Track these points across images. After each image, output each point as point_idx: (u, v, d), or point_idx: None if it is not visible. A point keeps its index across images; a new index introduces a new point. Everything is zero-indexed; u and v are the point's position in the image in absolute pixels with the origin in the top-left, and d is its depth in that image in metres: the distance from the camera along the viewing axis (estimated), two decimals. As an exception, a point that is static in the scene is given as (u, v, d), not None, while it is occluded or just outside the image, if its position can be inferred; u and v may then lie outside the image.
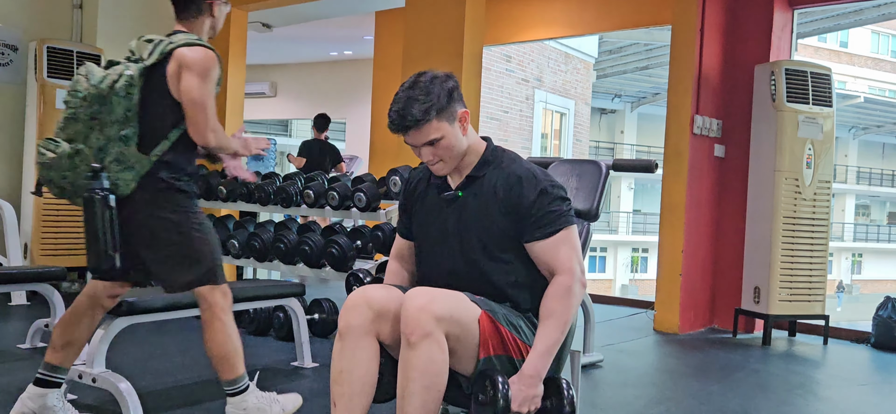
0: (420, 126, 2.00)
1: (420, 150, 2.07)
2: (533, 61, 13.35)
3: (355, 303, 2.00)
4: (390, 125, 2.03)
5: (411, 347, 1.86)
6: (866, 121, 29.95)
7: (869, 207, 35.19)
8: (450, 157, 2.07)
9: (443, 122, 2.02)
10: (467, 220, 2.10)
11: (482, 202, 2.09)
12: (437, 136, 2.02)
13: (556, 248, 2.03)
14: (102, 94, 2.50)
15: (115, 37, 6.17)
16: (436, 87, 2.01)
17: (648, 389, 3.98)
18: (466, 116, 2.09)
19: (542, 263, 2.05)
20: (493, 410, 1.89)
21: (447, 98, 2.02)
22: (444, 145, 2.04)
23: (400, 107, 2.00)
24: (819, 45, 27.70)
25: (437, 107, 2.00)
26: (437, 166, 2.10)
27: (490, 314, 1.98)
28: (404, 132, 2.02)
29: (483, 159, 2.13)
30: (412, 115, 1.99)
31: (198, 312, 3.38)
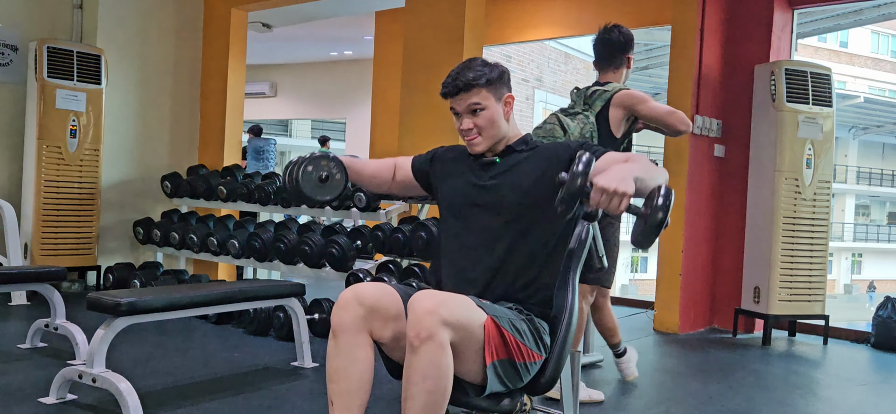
0: (469, 88, 2.12)
1: (462, 119, 2.16)
2: (533, 61, 13.35)
3: (346, 300, 2.01)
4: (443, 88, 2.15)
5: (417, 351, 1.85)
6: (866, 121, 29.94)
7: (869, 207, 35.19)
8: (488, 132, 2.16)
9: (490, 94, 2.14)
10: (502, 182, 2.16)
11: (521, 165, 2.17)
12: (482, 104, 2.13)
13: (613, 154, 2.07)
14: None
15: (115, 37, 6.18)
16: (488, 65, 2.16)
17: (648, 389, 3.98)
18: (512, 100, 2.20)
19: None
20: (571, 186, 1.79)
21: (498, 76, 2.16)
22: (486, 117, 2.14)
23: (455, 72, 2.15)
24: (819, 45, 27.71)
25: (488, 78, 2.13)
26: (474, 139, 2.17)
27: (495, 319, 1.98)
28: (455, 94, 2.14)
29: (523, 139, 2.23)
30: (464, 77, 2.12)
31: (197, 312, 3.39)
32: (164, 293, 3.25)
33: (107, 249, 6.15)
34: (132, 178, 6.36)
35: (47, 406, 2.99)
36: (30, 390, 3.17)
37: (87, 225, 5.85)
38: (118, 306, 2.89)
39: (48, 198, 5.63)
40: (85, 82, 5.76)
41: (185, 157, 6.68)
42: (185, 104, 6.70)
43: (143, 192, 6.41)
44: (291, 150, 25.80)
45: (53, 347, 3.97)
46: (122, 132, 6.25)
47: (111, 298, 2.92)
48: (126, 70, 6.27)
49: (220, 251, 5.50)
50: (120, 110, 6.21)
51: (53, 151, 5.64)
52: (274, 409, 3.13)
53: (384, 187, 2.44)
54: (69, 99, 5.68)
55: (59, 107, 5.65)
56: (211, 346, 4.28)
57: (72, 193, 5.74)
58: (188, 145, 6.74)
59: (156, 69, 6.48)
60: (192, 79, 6.75)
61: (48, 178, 5.62)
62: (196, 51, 6.76)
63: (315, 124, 25.19)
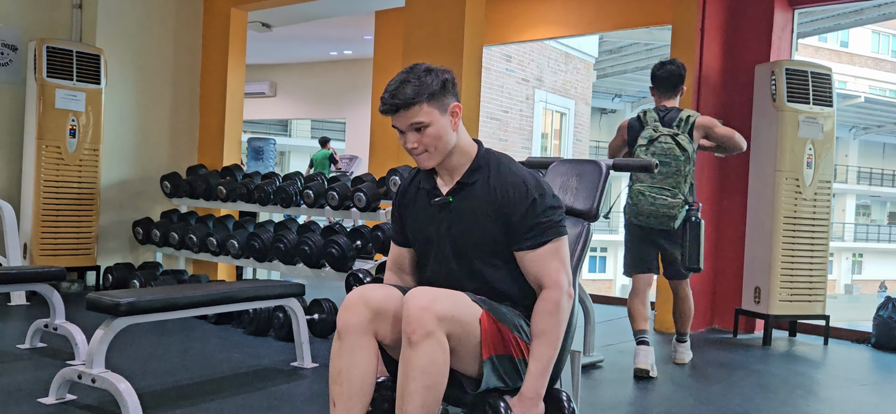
0: (409, 107, 1.99)
1: (406, 136, 2.04)
2: (533, 61, 13.35)
3: (353, 302, 2.00)
4: (381, 106, 2.03)
5: (412, 347, 1.85)
6: (867, 121, 29.94)
7: (869, 206, 35.18)
8: (435, 148, 2.04)
9: (433, 109, 2.00)
10: (458, 226, 2.09)
11: (472, 208, 2.07)
12: (426, 121, 2.00)
13: (543, 260, 2.01)
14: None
15: (115, 37, 6.17)
16: (430, 75, 2.01)
17: (648, 389, 3.98)
18: (458, 111, 2.06)
19: (530, 273, 2.04)
20: None
21: (440, 86, 2.01)
22: (431, 133, 2.02)
23: (393, 87, 2.01)
24: (819, 45, 27.71)
25: (429, 91, 1.99)
26: (421, 157, 2.06)
27: (491, 314, 1.97)
28: (394, 112, 2.01)
29: (474, 165, 2.10)
30: (403, 95, 1.98)
31: (197, 312, 3.38)
32: (164, 293, 3.24)
33: (106, 249, 6.15)
34: (132, 178, 6.36)
35: (47, 406, 2.99)
36: (29, 390, 3.16)
37: (86, 225, 5.84)
38: (118, 306, 2.89)
39: (48, 198, 5.63)
40: (84, 82, 5.76)
41: (185, 157, 6.68)
42: (184, 104, 6.70)
43: (143, 192, 6.40)
44: (291, 150, 25.81)
45: (53, 348, 3.96)
46: (121, 132, 6.25)
47: (111, 298, 2.92)
48: (126, 70, 6.27)
49: (220, 251, 5.49)
50: (119, 110, 6.21)
51: (53, 151, 5.63)
52: (274, 409, 3.13)
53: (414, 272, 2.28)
54: (69, 99, 5.68)
55: (59, 107, 5.64)
56: (211, 346, 4.27)
57: (71, 193, 5.74)
58: (188, 145, 6.74)
59: (155, 69, 6.48)
60: (191, 79, 6.75)
61: (48, 178, 5.62)
62: (196, 51, 6.76)
63: (315, 124, 25.19)
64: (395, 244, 2.28)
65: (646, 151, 4.00)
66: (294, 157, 25.85)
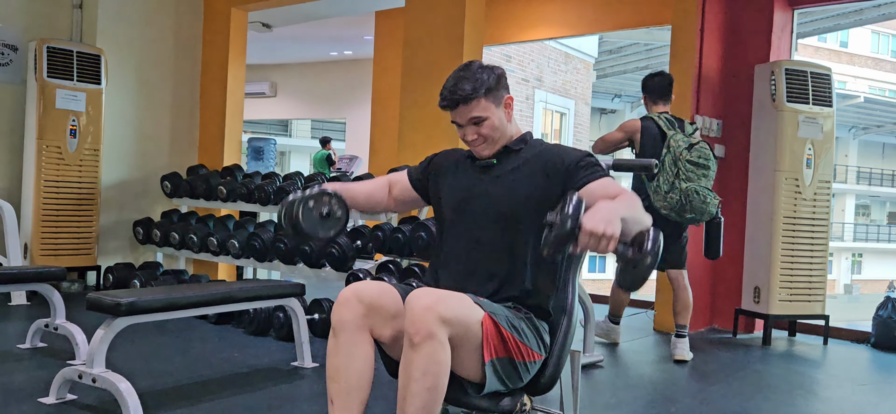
0: (469, 101, 2.11)
1: (465, 130, 2.16)
2: (533, 61, 13.34)
3: (346, 298, 2.01)
4: (441, 101, 2.15)
5: (414, 348, 1.86)
6: (866, 121, 29.93)
7: (869, 206, 35.17)
8: (492, 139, 2.16)
9: (490, 103, 2.13)
10: (499, 185, 2.16)
11: (519, 170, 2.16)
12: (484, 114, 2.13)
13: (607, 185, 2.06)
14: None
15: (115, 37, 6.17)
16: (485, 71, 2.15)
17: (648, 389, 3.98)
18: (512, 102, 2.20)
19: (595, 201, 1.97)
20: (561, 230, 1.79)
21: (495, 81, 2.15)
22: (489, 125, 2.14)
23: (452, 84, 2.13)
24: (819, 45, 27.69)
25: (486, 87, 2.12)
26: (479, 147, 2.18)
27: (493, 317, 1.98)
28: (454, 107, 2.13)
29: (521, 138, 2.22)
30: (462, 91, 2.11)
31: (197, 312, 3.39)
32: (164, 293, 3.25)
33: (107, 249, 6.15)
34: (132, 178, 6.36)
35: (47, 406, 2.99)
36: (30, 390, 3.17)
37: (86, 225, 5.85)
38: (118, 306, 2.89)
39: (48, 198, 5.63)
40: (85, 82, 5.76)
41: (185, 157, 6.68)
42: (185, 104, 6.70)
43: (143, 193, 6.40)
44: (291, 151, 25.81)
45: (53, 347, 3.97)
46: (122, 132, 6.25)
47: (111, 298, 2.92)
48: (126, 70, 6.27)
49: (220, 251, 5.49)
50: (120, 110, 6.21)
51: (53, 151, 5.64)
52: (274, 409, 3.13)
53: (381, 207, 2.41)
54: (69, 99, 5.68)
55: (59, 107, 5.65)
56: (211, 346, 4.28)
57: (71, 193, 5.74)
58: (188, 145, 6.74)
59: (156, 69, 6.48)
60: (192, 78, 6.75)
61: (48, 178, 5.62)
62: (196, 51, 6.76)
63: (315, 124, 25.18)
64: (408, 178, 2.36)
65: (689, 153, 4.27)
66: (294, 158, 25.86)
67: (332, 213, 2.19)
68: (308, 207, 2.13)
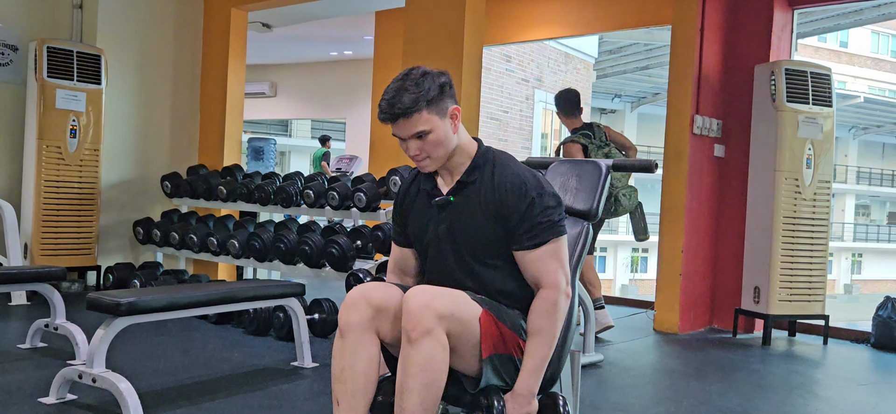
0: (409, 115, 1.97)
1: (408, 144, 2.02)
2: (533, 61, 13.34)
3: (354, 300, 2.01)
4: (380, 114, 2.00)
5: (412, 344, 1.86)
6: (866, 121, 29.92)
7: (869, 207, 35.17)
8: (437, 153, 2.03)
9: (432, 115, 1.99)
10: (459, 226, 2.08)
11: (472, 208, 2.07)
12: (426, 128, 1.99)
13: (541, 260, 2.01)
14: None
15: (115, 37, 6.17)
16: (427, 80, 1.99)
17: (648, 389, 3.98)
18: (458, 113, 2.05)
19: (528, 273, 2.04)
20: None
21: (438, 91, 1.99)
22: (433, 139, 2.01)
23: (390, 96, 1.98)
24: (819, 45, 27.69)
25: (427, 98, 1.97)
26: (423, 162, 2.06)
27: (491, 313, 1.98)
28: (393, 121, 1.99)
29: (473, 163, 2.09)
30: (402, 104, 1.96)
31: (197, 312, 3.39)
32: (164, 293, 3.25)
33: (107, 249, 6.15)
34: (132, 178, 6.36)
35: (47, 406, 2.99)
36: (30, 390, 3.17)
37: (86, 225, 5.85)
38: (118, 306, 2.89)
39: (48, 198, 5.63)
40: (85, 82, 5.76)
41: (185, 157, 6.68)
42: (185, 104, 6.70)
43: (143, 193, 6.41)
44: (291, 150, 25.81)
45: (53, 347, 3.97)
46: (122, 132, 6.25)
47: (111, 298, 2.92)
48: (126, 70, 6.27)
49: (220, 251, 5.50)
50: (120, 110, 6.21)
51: (53, 151, 5.64)
52: (274, 409, 3.13)
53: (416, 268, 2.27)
54: (69, 99, 5.68)
55: (59, 107, 5.65)
56: (211, 346, 4.28)
57: (72, 193, 5.74)
58: (188, 145, 6.74)
59: (156, 69, 6.48)
60: (192, 79, 6.75)
61: (48, 178, 5.62)
62: (196, 51, 6.76)
63: (315, 124, 25.18)
64: (397, 245, 2.27)
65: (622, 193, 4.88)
66: (294, 158, 25.85)
67: None
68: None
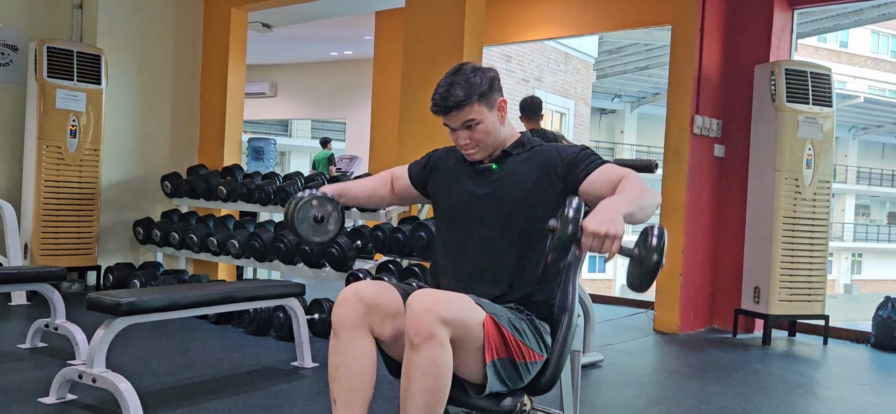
0: (462, 107, 2.08)
1: (458, 134, 2.13)
2: (533, 61, 13.34)
3: (346, 298, 2.02)
4: (433, 107, 2.12)
5: (415, 349, 1.85)
6: (866, 121, 29.92)
7: (869, 207, 35.17)
8: (485, 143, 2.14)
9: (482, 107, 2.10)
10: (500, 188, 2.14)
11: (517, 171, 2.15)
12: (477, 119, 2.10)
13: (606, 171, 2.05)
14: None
15: (115, 37, 6.18)
16: (477, 74, 2.11)
17: (648, 389, 3.99)
18: (505, 105, 2.17)
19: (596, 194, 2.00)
20: (563, 234, 1.77)
21: (488, 85, 2.11)
22: (482, 130, 2.11)
23: (443, 90, 2.10)
24: (819, 45, 27.69)
25: (479, 91, 2.08)
26: (471, 151, 2.15)
27: (494, 317, 1.98)
28: (446, 113, 2.10)
29: (519, 141, 2.20)
30: (455, 97, 2.07)
31: (197, 312, 3.39)
32: (164, 293, 3.25)
33: (107, 249, 6.15)
34: (132, 178, 6.36)
35: (47, 406, 2.99)
36: (30, 390, 3.17)
37: (86, 225, 5.85)
38: (118, 306, 2.89)
39: (48, 198, 5.63)
40: (85, 82, 5.76)
41: (185, 157, 6.68)
42: (185, 104, 6.70)
43: (143, 193, 6.41)
44: (291, 151, 25.80)
45: (53, 347, 3.97)
46: (122, 132, 6.25)
47: (111, 298, 2.92)
48: (126, 70, 6.27)
49: (220, 251, 5.50)
50: (120, 110, 6.21)
51: (53, 151, 5.64)
52: (274, 409, 3.13)
53: (384, 202, 2.45)
54: (69, 99, 5.68)
55: (59, 107, 5.65)
56: (211, 346, 4.28)
57: (72, 193, 5.74)
58: (188, 145, 6.74)
59: (156, 69, 6.48)
60: (192, 79, 6.75)
61: (48, 178, 5.62)
62: (196, 51, 6.76)
63: (315, 124, 25.18)
64: (409, 175, 2.36)
65: None
66: (294, 158, 25.85)
67: (325, 217, 2.24)
68: (300, 213, 2.21)
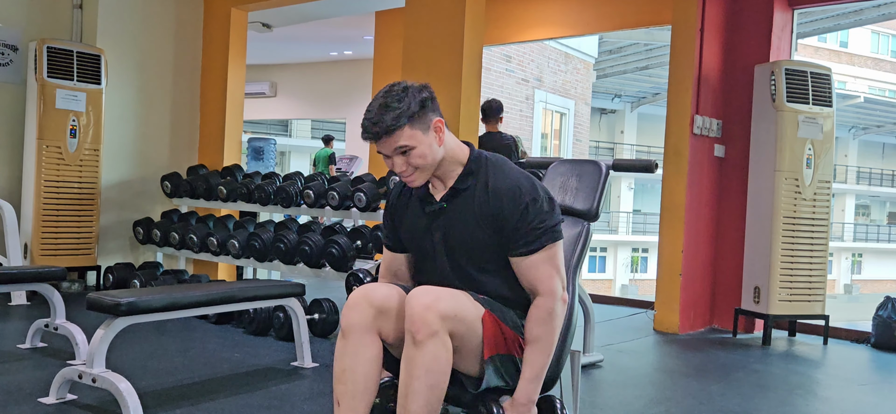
0: (391, 133, 1.96)
1: (393, 160, 2.01)
2: (533, 61, 13.34)
3: (357, 301, 2.00)
4: (363, 133, 2.00)
5: (416, 346, 1.86)
6: (866, 121, 29.93)
7: (869, 207, 35.17)
8: (423, 167, 2.01)
9: (415, 130, 1.97)
10: (453, 234, 2.07)
11: (466, 216, 2.05)
12: (410, 144, 1.97)
13: (537, 266, 2.00)
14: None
15: (115, 37, 6.17)
16: (408, 95, 1.97)
17: (648, 389, 3.99)
18: (442, 125, 2.03)
19: (524, 279, 2.03)
20: None
21: (419, 106, 1.98)
22: (417, 154, 1.99)
23: (372, 115, 1.97)
24: (819, 45, 27.69)
25: (409, 114, 1.96)
26: (410, 177, 2.03)
27: (493, 314, 1.98)
28: (376, 139, 1.99)
29: (467, 170, 2.07)
30: (383, 122, 1.95)
31: (198, 312, 3.39)
32: (164, 293, 3.24)
33: (107, 249, 6.15)
34: (132, 178, 6.36)
35: (47, 406, 2.99)
36: (30, 390, 3.17)
37: (86, 225, 5.85)
38: (118, 306, 2.89)
39: (48, 198, 5.63)
40: (85, 82, 5.76)
41: (185, 157, 6.68)
42: (185, 104, 6.70)
43: (143, 193, 6.40)
44: (291, 150, 25.80)
45: (53, 347, 3.97)
46: (122, 132, 6.25)
47: (111, 298, 2.92)
48: (126, 70, 6.27)
49: (220, 251, 5.49)
50: (120, 110, 6.21)
51: (53, 151, 5.64)
52: (274, 409, 3.13)
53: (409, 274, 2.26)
54: (69, 99, 5.68)
55: (59, 107, 5.65)
56: (211, 346, 4.28)
57: (72, 193, 5.74)
58: (188, 145, 6.74)
59: (156, 69, 6.48)
60: (192, 79, 6.75)
61: (48, 178, 5.62)
62: (196, 51, 6.76)
63: (315, 124, 25.19)
64: (389, 250, 2.25)
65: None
66: (294, 158, 25.85)
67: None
68: None
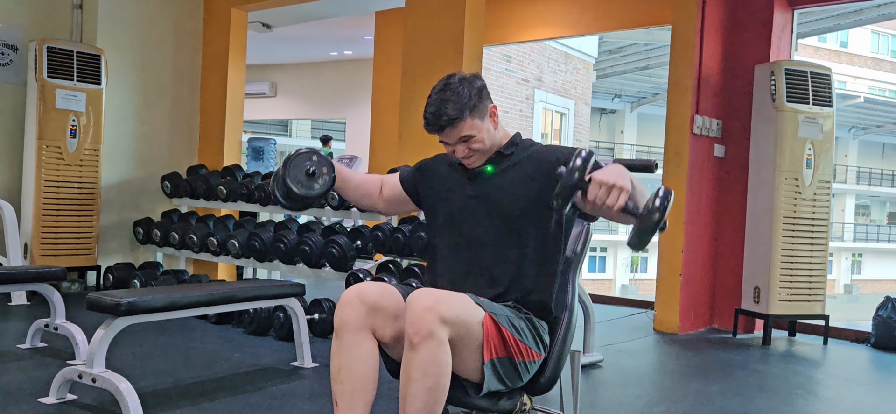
0: (455, 124, 2.08)
1: (455, 148, 2.14)
2: (533, 61, 13.34)
3: (349, 299, 2.01)
4: (426, 126, 2.13)
5: (415, 348, 1.85)
6: (866, 121, 29.92)
7: (869, 206, 35.16)
8: (482, 151, 2.15)
9: (475, 119, 2.10)
10: (496, 189, 2.15)
11: (512, 173, 2.15)
12: (471, 132, 2.10)
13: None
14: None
15: (116, 37, 6.18)
16: (465, 87, 2.10)
17: (648, 389, 3.99)
18: (495, 111, 2.18)
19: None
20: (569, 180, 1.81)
21: (477, 96, 2.11)
22: (478, 141, 2.12)
23: (434, 108, 2.10)
24: (819, 45, 27.69)
25: (470, 105, 2.09)
26: (470, 160, 2.16)
27: (493, 317, 1.98)
28: (440, 131, 2.11)
29: (512, 141, 2.21)
30: (447, 115, 2.07)
31: (197, 312, 3.40)
32: (164, 293, 3.25)
33: (107, 249, 6.15)
34: (132, 178, 6.36)
35: (47, 406, 2.99)
36: (30, 390, 3.17)
37: (86, 225, 5.85)
38: (118, 306, 2.89)
39: (48, 198, 5.63)
40: (85, 82, 5.76)
41: (185, 157, 6.68)
42: (185, 104, 6.70)
43: (143, 193, 6.41)
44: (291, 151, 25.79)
45: (53, 347, 3.97)
46: (122, 132, 6.25)
47: (111, 298, 2.92)
48: (126, 70, 6.27)
49: (220, 251, 5.50)
50: (120, 110, 6.21)
51: (53, 151, 5.64)
52: (274, 409, 3.13)
53: (369, 201, 2.42)
54: (69, 99, 5.68)
55: (59, 107, 5.65)
56: (211, 346, 4.28)
57: (72, 193, 5.74)
58: (188, 145, 6.74)
59: (156, 69, 6.48)
60: (192, 78, 6.75)
61: (48, 178, 5.62)
62: (196, 51, 6.76)
63: (315, 124, 25.19)
64: (400, 179, 2.36)
65: None
66: (289, 158, 25.80)
67: (316, 174, 2.25)
68: (302, 158, 2.25)
